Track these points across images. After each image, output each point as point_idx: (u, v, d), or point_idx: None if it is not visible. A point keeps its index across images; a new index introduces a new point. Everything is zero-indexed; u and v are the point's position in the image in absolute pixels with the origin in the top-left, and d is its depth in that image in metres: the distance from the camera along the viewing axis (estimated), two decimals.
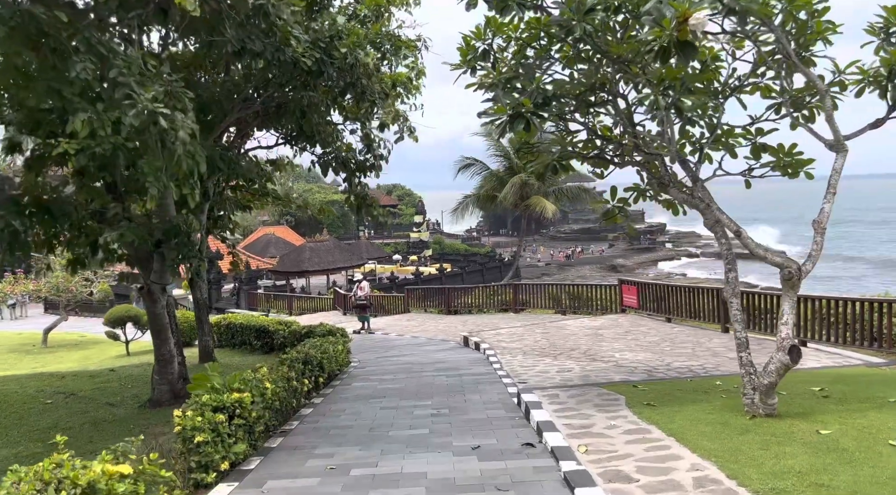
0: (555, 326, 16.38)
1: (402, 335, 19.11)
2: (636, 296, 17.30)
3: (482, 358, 13.25)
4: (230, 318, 19.07)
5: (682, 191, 7.40)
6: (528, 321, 18.87)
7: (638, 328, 15.24)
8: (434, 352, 14.86)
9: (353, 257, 57.96)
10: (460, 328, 19.01)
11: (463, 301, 24.10)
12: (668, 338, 13.61)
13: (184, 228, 9.65)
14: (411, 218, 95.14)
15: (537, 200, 27.19)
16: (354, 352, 15.65)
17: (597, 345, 13.24)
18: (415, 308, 26.00)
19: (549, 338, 14.58)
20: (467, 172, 29.22)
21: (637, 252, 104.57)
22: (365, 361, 14.18)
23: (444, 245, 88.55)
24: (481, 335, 15.70)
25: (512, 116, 6.90)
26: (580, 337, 14.49)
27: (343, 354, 12.44)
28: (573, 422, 6.75)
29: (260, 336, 17.50)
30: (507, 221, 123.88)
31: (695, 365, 10.64)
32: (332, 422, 8.06)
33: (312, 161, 10.96)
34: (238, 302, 34.72)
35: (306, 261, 51.70)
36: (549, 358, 12.22)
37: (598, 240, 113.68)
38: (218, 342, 19.34)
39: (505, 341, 14.66)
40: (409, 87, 11.49)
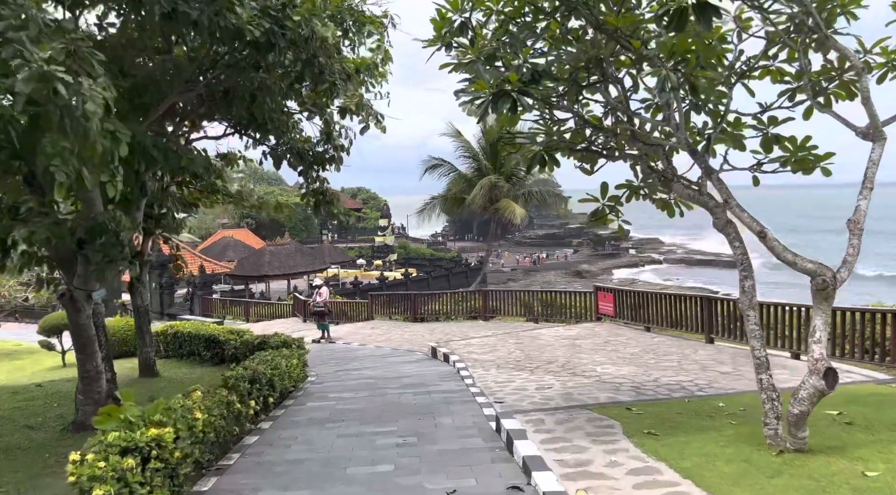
0: (528, 336, 15.39)
1: (364, 345, 17.89)
2: (613, 303, 16.44)
3: (452, 372, 12.15)
4: (177, 327, 17.58)
5: (689, 187, 6.44)
6: (500, 329, 17.85)
7: (617, 338, 14.34)
8: (399, 364, 13.71)
9: (315, 261, 56.30)
10: (428, 337, 17.89)
11: (430, 308, 22.99)
12: (650, 349, 12.73)
13: (111, 226, 8.31)
14: (376, 222, 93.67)
15: (507, 203, 26.28)
16: (312, 365, 14.39)
17: (576, 358, 12.27)
18: (379, 315, 24.77)
19: (524, 349, 13.57)
20: (434, 174, 28.18)
21: (601, 258, 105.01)
22: (323, 375, 12.94)
23: (409, 249, 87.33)
24: (450, 345, 14.61)
25: (496, 95, 5.85)
26: (556, 348, 13.52)
27: (298, 369, 11.20)
28: (566, 458, 5.70)
29: (209, 346, 16.10)
30: (473, 226, 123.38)
31: (685, 381, 9.73)
32: (279, 455, 6.85)
33: (264, 152, 9.74)
34: (192, 308, 32.94)
35: (266, 265, 49.87)
36: (526, 372, 11.19)
37: (562, 245, 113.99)
38: (164, 352, 17.89)
39: (476, 352, 13.59)
40: (375, 74, 10.36)
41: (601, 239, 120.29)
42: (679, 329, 14.30)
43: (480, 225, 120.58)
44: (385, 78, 10.66)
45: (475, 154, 27.77)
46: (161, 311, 34.50)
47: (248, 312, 31.28)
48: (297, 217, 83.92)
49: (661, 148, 6.81)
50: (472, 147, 27.84)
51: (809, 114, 6.89)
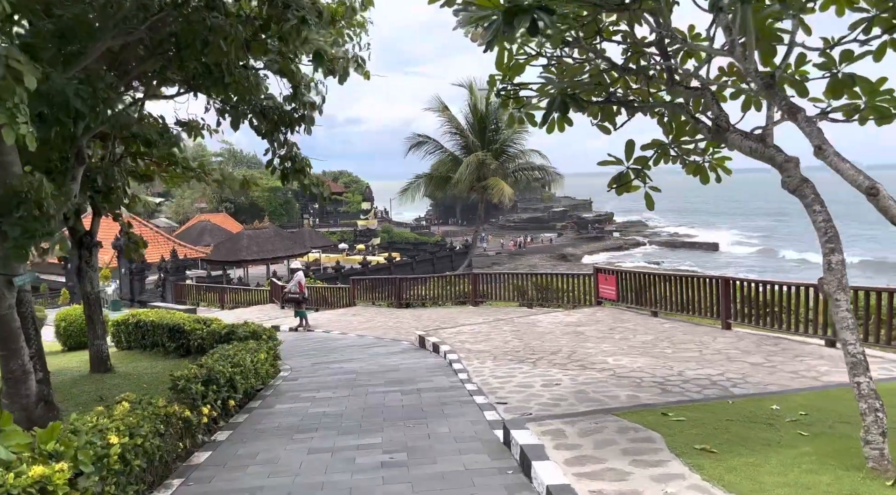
0: (525, 322, 14.07)
1: (345, 333, 16.47)
2: (615, 286, 15.15)
3: (444, 364, 10.79)
4: (140, 315, 16.02)
5: (748, 138, 5.07)
6: (492, 316, 16.51)
7: (622, 324, 13.07)
8: (384, 356, 12.32)
9: (295, 246, 54.58)
10: (414, 324, 16.51)
11: (415, 292, 21.60)
12: (662, 336, 11.46)
13: (30, 195, 6.79)
14: (358, 206, 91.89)
15: (495, 182, 24.85)
16: (287, 356, 12.96)
17: (581, 347, 10.97)
18: (362, 300, 23.34)
19: (522, 338, 12.25)
20: (419, 152, 26.67)
21: (585, 241, 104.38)
22: (298, 369, 11.52)
23: (392, 233, 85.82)
24: (440, 334, 13.24)
25: (509, 11, 4.40)
26: (558, 336, 12.21)
27: (268, 364, 9.76)
28: (604, 489, 4.35)
29: (174, 336, 14.60)
30: (457, 210, 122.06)
31: (714, 374, 8.44)
32: (231, 481, 5.44)
33: (219, 110, 8.19)
34: (164, 294, 31.25)
35: (244, 249, 48.09)
36: (527, 364, 9.85)
37: (546, 229, 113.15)
38: (126, 344, 16.38)
39: (469, 341, 12.24)
40: (352, 23, 8.84)
41: (584, 222, 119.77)
42: (690, 313, 13.05)
43: (464, 208, 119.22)
44: (364, 27, 9.14)
45: (462, 130, 26.24)
46: (132, 298, 32.76)
47: (223, 299, 29.68)
48: (264, 192, 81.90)
49: (707, 91, 5.42)
50: (459, 123, 26.32)
51: (882, 53, 5.55)
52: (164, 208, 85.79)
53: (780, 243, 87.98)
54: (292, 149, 8.38)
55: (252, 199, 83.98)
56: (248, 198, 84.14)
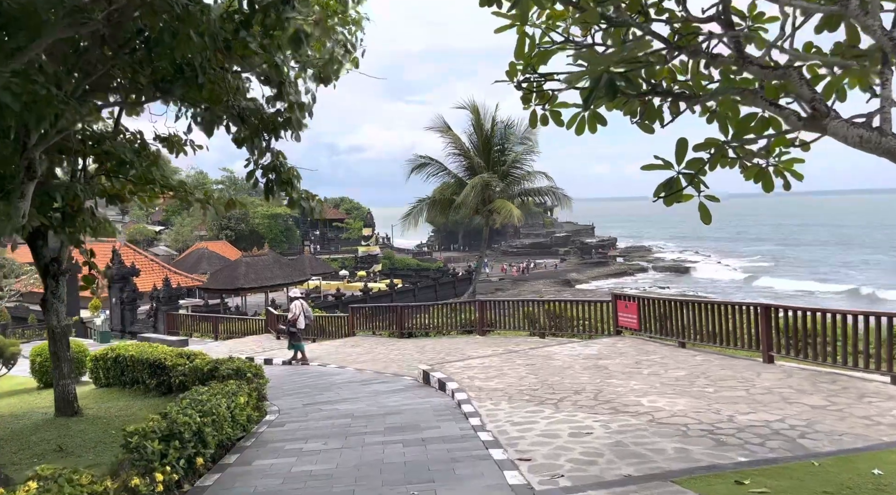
0: (539, 355, 12.77)
1: (343, 367, 15.15)
2: (636, 314, 13.87)
3: (451, 405, 9.49)
4: (119, 350, 14.77)
5: (858, 126, 3.88)
6: (502, 346, 15.20)
7: (648, 357, 11.76)
8: (384, 394, 11.01)
9: (294, 273, 53.33)
10: (417, 357, 15.20)
11: (418, 321, 20.29)
12: (697, 371, 10.16)
13: None
14: (359, 232, 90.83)
15: (502, 204, 23.69)
16: (277, 395, 11.67)
17: (607, 385, 9.67)
18: (361, 330, 22.02)
19: (538, 373, 10.94)
20: (422, 174, 25.57)
21: (589, 266, 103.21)
22: (287, 411, 10.21)
23: (394, 260, 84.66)
24: (446, 368, 11.94)
25: None
26: (578, 371, 10.90)
27: (250, 408, 8.47)
28: None
29: (155, 373, 13.36)
30: (459, 236, 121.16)
31: (773, 420, 7.15)
32: None
33: (192, 115, 7.06)
34: (155, 324, 29.94)
35: (241, 277, 46.84)
36: (549, 406, 8.56)
37: (549, 254, 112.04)
38: (105, 381, 15.16)
39: (479, 377, 10.94)
40: (345, 19, 7.77)
41: (588, 247, 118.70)
42: (723, 344, 11.75)
43: (467, 234, 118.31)
44: (360, 25, 8.06)
45: (466, 151, 25.19)
46: (123, 329, 31.47)
47: (217, 329, 28.34)
48: (265, 219, 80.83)
49: (794, 70, 4.25)
50: (463, 143, 25.28)
51: None
52: (164, 236, 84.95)
53: (780, 270, 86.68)
54: (277, 158, 7.22)
55: (252, 226, 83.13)
56: (248, 226, 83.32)
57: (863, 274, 77.16)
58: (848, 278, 73.77)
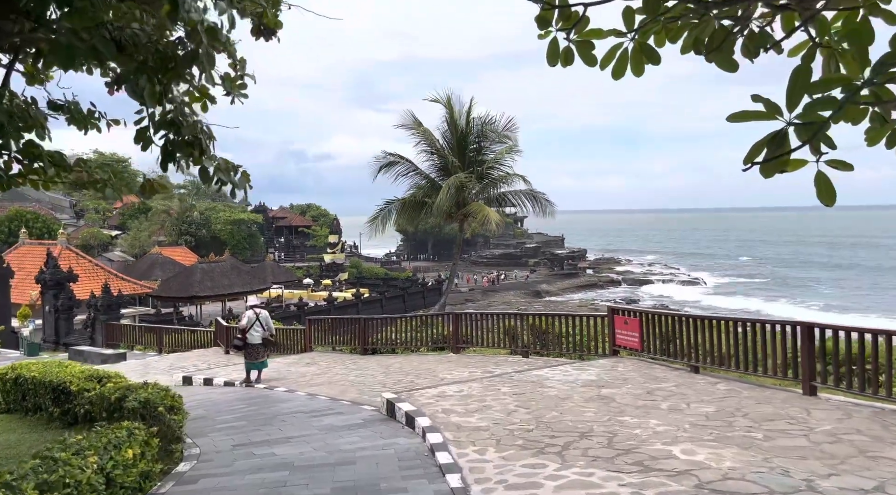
0: (527, 380, 10.67)
1: (293, 391, 12.83)
2: (638, 331, 11.91)
3: (422, 451, 7.32)
4: (21, 370, 12.23)
5: None
6: (480, 367, 13.09)
7: (659, 385, 9.77)
8: (338, 431, 8.77)
9: (255, 281, 50.56)
10: (382, 379, 12.98)
11: (384, 335, 18.07)
12: (729, 407, 8.18)
13: None
14: (326, 239, 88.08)
15: (479, 207, 21.60)
16: (204, 428, 9.36)
17: (619, 424, 7.62)
18: (320, 345, 19.68)
19: (529, 405, 8.84)
20: (391, 175, 23.39)
21: (559, 278, 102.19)
22: (209, 456, 7.91)
23: (361, 269, 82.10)
24: (416, 397, 9.75)
25: None
26: (579, 403, 8.84)
27: (144, 462, 6.14)
28: None
29: (59, 399, 10.95)
30: (429, 245, 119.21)
31: (870, 488, 5.16)
32: None
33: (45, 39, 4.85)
34: (93, 336, 27.06)
35: (196, 284, 43.98)
36: (552, 458, 6.46)
37: (519, 265, 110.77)
38: (6, 405, 12.66)
39: (457, 410, 8.79)
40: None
41: (558, 258, 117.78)
42: (746, 370, 9.84)
43: (436, 243, 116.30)
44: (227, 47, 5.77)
45: (439, 149, 23.07)
46: (56, 340, 28.47)
47: (162, 341, 25.64)
48: (226, 226, 77.72)
49: None
50: (436, 140, 23.17)
51: None
52: (120, 241, 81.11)
53: (756, 290, 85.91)
54: (180, 111, 5.06)
55: (214, 232, 79.84)
56: (209, 231, 79.99)
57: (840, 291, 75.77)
58: (817, 297, 72.92)
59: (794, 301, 71.73)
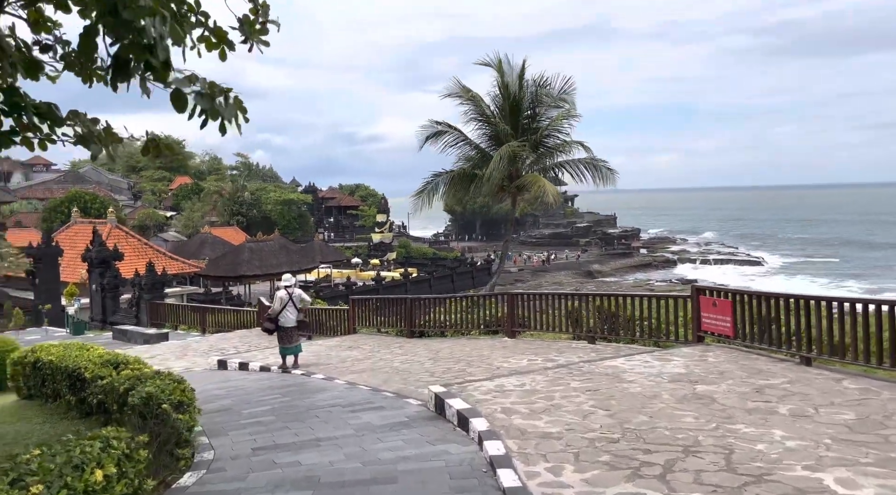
0: (601, 373, 9.01)
1: (331, 378, 11.51)
2: (730, 315, 10.06)
3: (480, 465, 5.81)
4: (40, 353, 11.27)
5: None
6: (541, 354, 11.49)
7: (767, 381, 7.97)
8: (377, 433, 7.34)
9: (303, 260, 50.00)
10: (429, 367, 11.53)
11: (432, 317, 16.65)
12: (873, 413, 6.36)
13: None
14: (374, 219, 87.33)
15: (534, 179, 19.81)
16: (226, 424, 8.11)
17: (731, 434, 5.93)
18: (364, 326, 18.42)
19: (609, 405, 7.21)
20: (438, 144, 21.77)
21: (612, 257, 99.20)
22: (222, 462, 6.60)
23: (409, 248, 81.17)
24: (469, 392, 8.22)
25: None
26: (671, 404, 7.16)
27: (121, 485, 4.80)
28: None
29: (74, 386, 9.90)
30: (477, 225, 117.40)
31: None
32: None
33: None
34: (138, 315, 26.61)
35: (244, 263, 43.63)
36: (657, 488, 4.85)
37: (570, 245, 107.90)
38: (27, 391, 11.83)
39: (520, 410, 7.23)
40: None
41: (610, 237, 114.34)
42: (878, 363, 7.94)
43: (485, 223, 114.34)
44: None
45: (489, 116, 21.32)
46: (103, 319, 28.19)
47: (205, 321, 24.90)
48: (277, 205, 77.74)
49: None
50: (486, 106, 21.40)
51: None
52: (175, 222, 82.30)
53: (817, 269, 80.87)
54: (134, 20, 3.67)
55: (265, 213, 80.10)
56: (260, 212, 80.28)
57: None
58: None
59: (867, 282, 67.24)
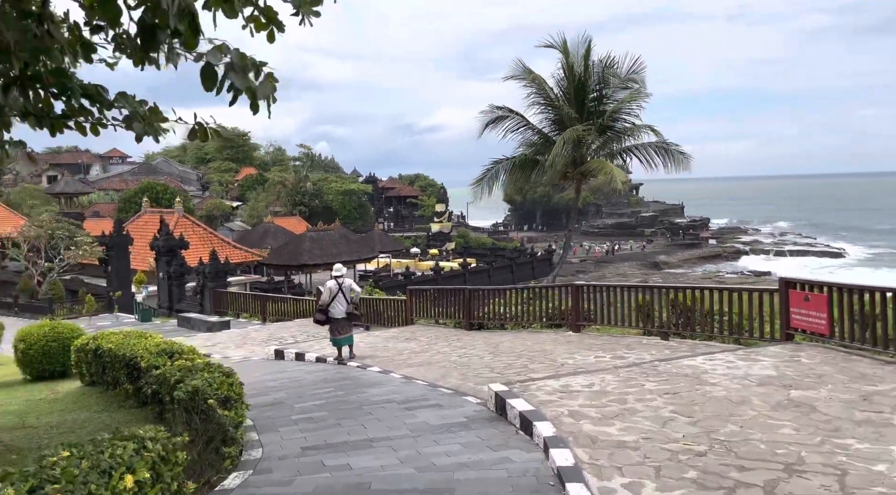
0: (678, 373, 8.20)
1: (387, 372, 11.09)
2: (825, 311, 9.04)
3: (547, 476, 5.21)
4: (101, 340, 11.31)
5: None
6: (609, 350, 10.73)
7: (875, 387, 7.01)
8: (433, 433, 6.82)
9: (363, 249, 50.27)
10: (488, 361, 10.96)
11: (491, 308, 16.05)
12: None
13: None
14: (433, 209, 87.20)
15: (600, 164, 18.83)
16: (278, 419, 7.78)
17: (841, 450, 5.11)
18: (422, 317, 18.01)
19: (692, 412, 6.44)
20: (499, 129, 21.03)
21: (679, 248, 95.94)
22: (270, 462, 6.22)
23: (468, 238, 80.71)
24: (532, 391, 7.59)
25: None
26: (763, 411, 6.33)
27: (155, 491, 4.43)
28: None
29: (131, 375, 9.85)
30: (537, 215, 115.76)
31: None
32: None
33: None
34: (202, 303, 27.11)
35: (305, 252, 44.11)
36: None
37: (634, 235, 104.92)
38: (90, 378, 11.94)
39: (590, 413, 6.56)
40: None
41: (677, 227, 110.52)
42: None
43: (545, 213, 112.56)
44: None
45: (553, 99, 20.42)
46: (170, 306, 28.91)
47: (266, 310, 25.10)
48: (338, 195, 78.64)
49: None
50: (549, 89, 20.50)
51: None
52: (240, 212, 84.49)
53: None
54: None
55: (326, 203, 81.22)
56: (321, 202, 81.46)
57: None
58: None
59: None
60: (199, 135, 6.98)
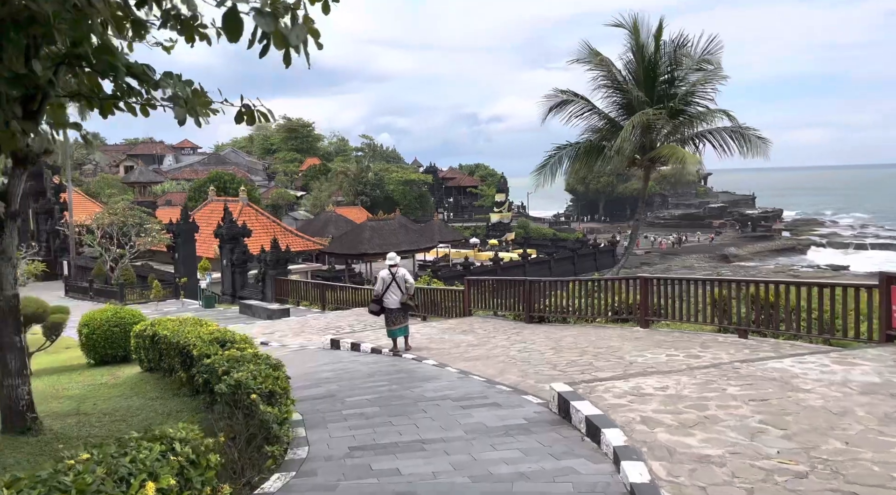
0: (765, 377, 7.35)
1: (443, 365, 10.62)
2: None
3: (617, 492, 4.58)
4: (158, 327, 11.30)
5: None
6: (682, 349, 9.90)
7: None
8: (490, 436, 6.28)
9: (422, 239, 50.13)
10: (550, 357, 10.32)
11: (553, 301, 15.34)
12: None
13: None
14: (493, 199, 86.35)
15: (670, 150, 17.71)
16: (329, 413, 7.43)
17: None
18: (480, 309, 17.47)
19: (785, 424, 5.66)
20: (563, 114, 20.12)
21: (750, 240, 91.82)
22: (315, 463, 5.83)
23: (529, 229, 79.49)
24: (599, 393, 6.93)
25: None
26: (872, 426, 5.49)
27: None
28: None
29: (185, 362, 9.75)
30: (600, 205, 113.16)
31: None
32: None
33: None
34: (263, 290, 27.41)
35: (366, 242, 44.28)
36: None
37: (702, 226, 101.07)
38: (148, 364, 11.98)
39: (665, 420, 5.87)
40: None
41: (747, 219, 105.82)
42: None
43: (609, 203, 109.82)
44: None
45: (621, 82, 19.37)
46: (233, 293, 29.43)
47: (325, 298, 25.12)
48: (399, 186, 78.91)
49: None
50: (617, 71, 19.46)
51: None
52: (304, 202, 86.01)
53: None
54: None
55: (387, 193, 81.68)
56: (383, 192, 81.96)
57: None
58: None
59: None
60: (247, 118, 6.61)
